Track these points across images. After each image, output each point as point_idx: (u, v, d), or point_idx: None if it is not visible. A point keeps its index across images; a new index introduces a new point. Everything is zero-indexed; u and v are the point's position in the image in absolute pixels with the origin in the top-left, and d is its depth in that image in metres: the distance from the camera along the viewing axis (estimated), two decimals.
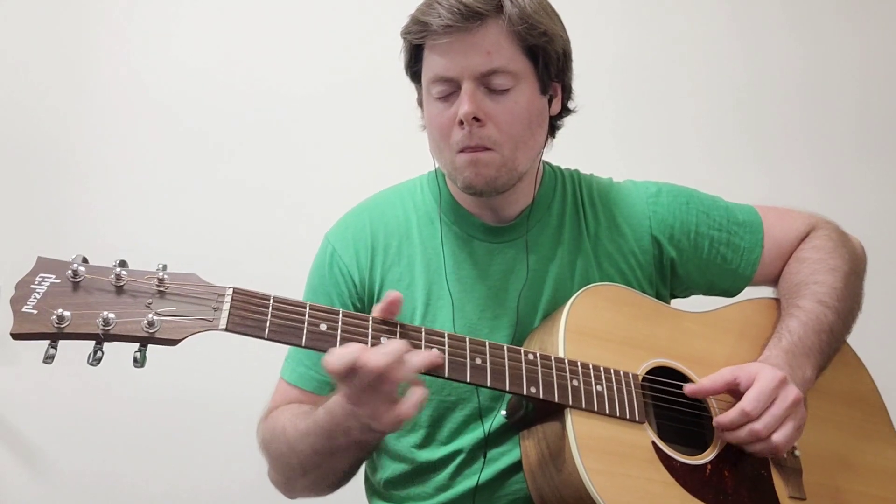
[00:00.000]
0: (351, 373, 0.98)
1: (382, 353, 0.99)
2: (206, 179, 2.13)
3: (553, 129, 1.33)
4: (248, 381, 1.95)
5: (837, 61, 2.33)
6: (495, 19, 1.19)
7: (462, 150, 1.21)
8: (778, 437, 1.15)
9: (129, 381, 1.93)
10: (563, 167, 1.42)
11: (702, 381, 1.21)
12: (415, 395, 1.02)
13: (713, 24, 2.33)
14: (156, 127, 2.13)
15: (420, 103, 1.31)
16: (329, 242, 1.36)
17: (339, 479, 1.25)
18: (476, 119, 1.19)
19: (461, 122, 1.19)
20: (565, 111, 1.33)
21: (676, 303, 1.40)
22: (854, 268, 1.38)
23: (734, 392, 1.20)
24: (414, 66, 1.27)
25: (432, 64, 1.22)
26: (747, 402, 1.15)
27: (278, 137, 2.17)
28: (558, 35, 1.25)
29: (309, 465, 1.18)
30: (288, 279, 1.37)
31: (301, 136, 2.18)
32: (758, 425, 1.14)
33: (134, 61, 2.15)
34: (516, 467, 1.20)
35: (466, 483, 1.24)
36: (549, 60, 1.24)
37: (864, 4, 2.36)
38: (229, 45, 2.18)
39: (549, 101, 1.28)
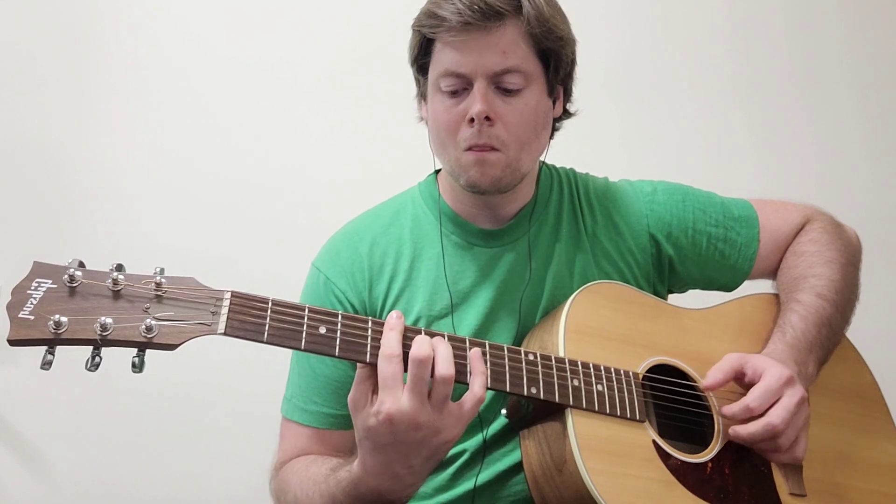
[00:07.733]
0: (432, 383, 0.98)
1: (447, 359, 0.99)
2: (204, 180, 2.12)
3: (552, 130, 1.33)
4: (248, 381, 1.96)
5: (837, 58, 2.33)
6: (514, 19, 1.18)
7: (469, 149, 1.20)
8: (785, 440, 1.15)
9: (129, 381, 1.91)
10: (557, 166, 1.41)
11: (712, 373, 1.19)
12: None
13: (713, 20, 2.33)
14: (152, 128, 2.13)
15: (423, 97, 1.29)
16: (320, 272, 1.32)
17: None
18: (487, 118, 1.18)
19: (471, 121, 1.18)
20: (566, 114, 1.33)
21: (675, 299, 1.40)
22: (850, 258, 1.39)
23: (739, 381, 1.20)
24: (422, 59, 1.24)
25: (444, 58, 1.20)
26: (752, 399, 1.15)
27: (277, 135, 2.16)
28: (571, 40, 1.25)
29: None
30: (288, 279, 1.37)
31: (301, 133, 2.17)
32: (775, 420, 1.13)
33: (132, 61, 2.14)
34: (517, 468, 1.20)
35: (466, 484, 1.24)
36: (559, 64, 1.24)
37: None
38: (226, 45, 2.17)
39: (553, 104, 1.28)
